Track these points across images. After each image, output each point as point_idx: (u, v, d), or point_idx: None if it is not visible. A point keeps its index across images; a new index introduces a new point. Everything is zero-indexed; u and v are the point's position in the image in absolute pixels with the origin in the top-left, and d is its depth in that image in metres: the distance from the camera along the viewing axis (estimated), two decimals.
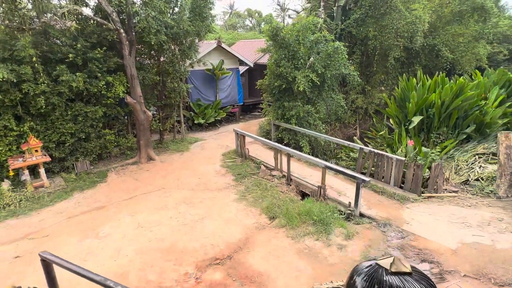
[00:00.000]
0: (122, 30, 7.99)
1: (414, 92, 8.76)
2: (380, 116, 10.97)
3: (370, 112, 12.41)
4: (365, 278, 0.65)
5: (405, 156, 7.41)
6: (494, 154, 7.78)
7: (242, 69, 15.83)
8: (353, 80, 10.34)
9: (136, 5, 8.16)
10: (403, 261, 0.66)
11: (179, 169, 8.74)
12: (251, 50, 16.71)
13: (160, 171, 8.57)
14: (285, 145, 9.50)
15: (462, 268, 4.48)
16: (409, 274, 0.63)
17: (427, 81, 9.40)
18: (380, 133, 9.26)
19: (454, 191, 6.92)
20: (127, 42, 8.16)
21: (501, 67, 12.51)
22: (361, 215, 6.15)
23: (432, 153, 7.40)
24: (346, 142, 8.51)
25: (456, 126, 8.80)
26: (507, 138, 6.60)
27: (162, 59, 10.15)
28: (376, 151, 7.65)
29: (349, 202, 6.30)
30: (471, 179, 7.33)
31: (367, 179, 6.12)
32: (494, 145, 8.05)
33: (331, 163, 9.17)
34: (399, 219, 5.90)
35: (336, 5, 11.70)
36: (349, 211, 6.15)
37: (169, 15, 8.95)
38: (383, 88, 13.04)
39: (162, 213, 6.39)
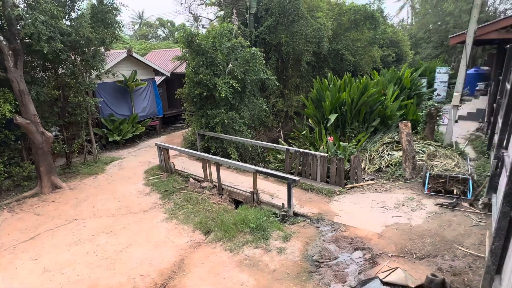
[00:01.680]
0: (1, 37, 6.64)
1: (328, 92, 9.44)
2: (300, 117, 11.55)
3: (290, 114, 12.99)
4: None
5: (327, 152, 7.84)
6: (398, 142, 8.82)
7: (159, 79, 14.99)
8: (272, 84, 10.65)
9: (20, 8, 6.88)
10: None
11: (94, 194, 7.63)
12: (166, 59, 15.98)
13: (69, 200, 7.34)
14: (213, 154, 9.20)
15: (389, 249, 4.83)
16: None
17: (337, 81, 10.25)
18: (302, 133, 9.69)
19: (371, 179, 7.58)
20: (10, 52, 6.81)
21: (392, 67, 14.54)
22: (295, 214, 6.23)
23: (350, 146, 8.01)
24: (272, 145, 8.63)
25: (365, 120, 9.76)
26: (406, 127, 7.52)
27: (61, 70, 8.83)
28: (301, 150, 7.92)
29: (283, 204, 6.32)
30: (383, 166, 8.14)
31: (296, 178, 6.23)
32: (397, 134, 9.15)
33: (260, 167, 9.20)
34: (329, 213, 6.14)
35: (248, 12, 11.97)
36: (284, 213, 6.16)
37: (64, 20, 7.82)
38: (299, 91, 13.82)
39: (76, 249, 5.41)
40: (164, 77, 14.78)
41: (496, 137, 7.02)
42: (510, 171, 3.43)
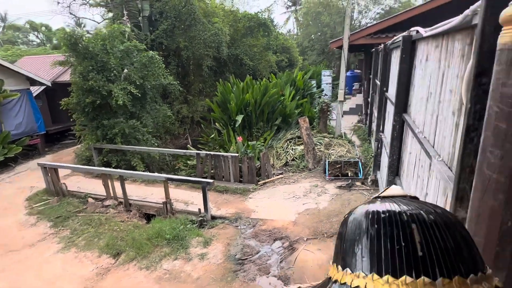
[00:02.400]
0: None
1: (233, 94, 9.65)
2: (207, 122, 11.46)
3: (197, 120, 12.78)
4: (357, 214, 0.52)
5: (238, 152, 7.97)
6: (299, 137, 9.64)
7: (36, 89, 12.70)
8: (175, 90, 10.26)
9: None
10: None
11: None
12: (44, 66, 13.68)
13: None
14: (115, 168, 8.27)
15: (304, 234, 5.18)
16: (403, 196, 0.53)
17: (240, 84, 10.58)
18: (211, 137, 9.63)
19: (280, 173, 8.04)
20: None
21: (287, 70, 15.91)
22: (213, 217, 6.10)
23: (259, 144, 8.33)
24: (182, 151, 8.31)
25: (269, 119, 10.34)
26: (305, 122, 8.28)
27: None
28: (212, 153, 7.85)
29: (199, 209, 6.11)
30: (289, 160, 8.76)
31: (210, 180, 6.12)
32: (297, 130, 9.99)
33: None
34: (246, 210, 6.23)
35: (141, 15, 11.28)
36: (201, 218, 5.95)
37: None
38: (203, 96, 13.73)
39: None
40: (43, 87, 12.60)
41: (373, 125, 8.36)
42: (389, 148, 4.10)
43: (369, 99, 9.99)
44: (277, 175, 7.92)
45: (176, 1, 11.17)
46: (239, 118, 9.26)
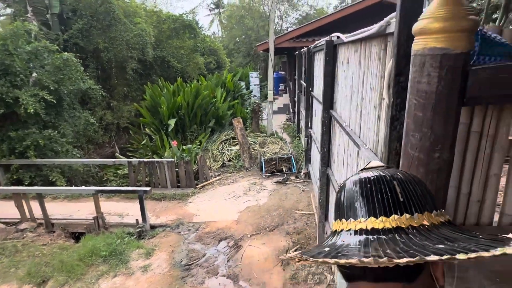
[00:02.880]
0: None
1: (163, 98, 9.30)
2: (137, 127, 10.80)
3: (124, 126, 11.94)
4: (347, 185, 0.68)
5: (173, 157, 7.75)
6: (233, 138, 9.80)
7: None
8: (96, 95, 9.44)
9: None
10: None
11: None
12: None
13: None
14: (30, 185, 7.24)
15: (247, 231, 5.33)
16: (381, 166, 0.69)
17: (170, 86, 10.26)
18: (142, 143, 9.13)
19: (218, 175, 8.08)
20: None
21: (216, 72, 15.95)
22: (153, 227, 5.83)
23: (194, 147, 8.22)
24: (111, 160, 7.71)
25: (202, 122, 10.27)
26: (239, 122, 8.48)
27: None
28: (145, 160, 7.47)
29: (136, 220, 5.78)
30: (226, 161, 8.85)
31: (147, 188, 5.84)
32: (231, 131, 10.15)
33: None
34: (188, 215, 6.12)
35: (50, 12, 10.04)
36: (140, 228, 5.64)
37: None
38: (129, 100, 12.88)
39: None
40: None
41: (302, 123, 9.01)
42: (319, 142, 4.51)
43: (296, 99, 10.71)
44: (215, 177, 7.94)
45: None
46: (172, 122, 8.99)
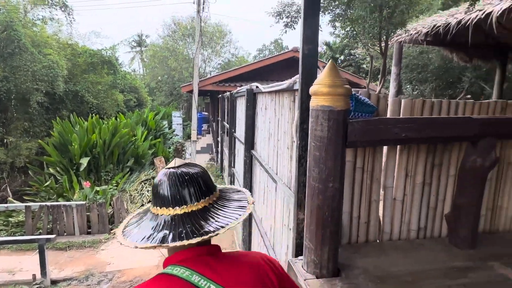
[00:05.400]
0: None
1: (75, 135, 8.53)
2: (39, 167, 9.47)
3: (21, 165, 10.35)
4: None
5: (85, 200, 7.03)
6: (154, 177, 9.44)
7: None
8: None
9: None
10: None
11: None
12: None
13: None
14: None
15: None
16: (185, 164, 0.89)
17: (84, 123, 9.51)
18: (45, 185, 8.04)
19: None
20: None
21: (136, 110, 15.42)
22: (54, 282, 5.06)
23: (110, 188, 7.62)
24: (3, 206, 6.56)
25: (120, 161, 9.66)
26: (161, 161, 8.31)
27: None
28: (49, 204, 6.59)
29: (34, 275, 4.95)
30: (145, 203, 8.38)
31: (51, 236, 5.14)
32: (152, 170, 9.77)
33: None
34: (99, 264, 5.52)
35: None
36: (37, 286, 4.83)
37: None
38: (30, 137, 11.35)
39: None
40: None
41: (225, 162, 9.29)
42: (242, 180, 4.80)
43: (219, 139, 11.07)
44: None
45: None
46: (85, 161, 8.24)
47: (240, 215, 0.86)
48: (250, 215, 4.35)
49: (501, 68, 7.65)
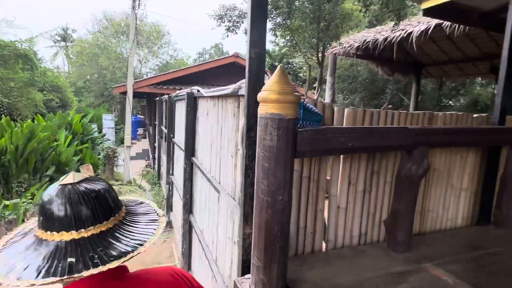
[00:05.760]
0: None
1: None
2: None
3: None
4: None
5: None
6: None
7: None
8: None
9: None
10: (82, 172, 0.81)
11: None
12: None
13: None
14: None
15: None
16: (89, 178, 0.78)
17: None
18: None
19: None
20: None
21: (59, 111, 13.70)
22: None
23: (24, 202, 6.56)
24: None
25: (37, 170, 8.43)
26: (88, 169, 7.45)
27: None
28: None
29: None
30: None
31: None
32: None
33: None
34: None
35: None
36: None
37: None
38: None
39: None
40: None
41: (162, 169, 8.77)
42: (182, 189, 4.52)
43: (156, 144, 10.44)
44: None
45: None
46: None
47: (155, 229, 0.81)
48: (191, 226, 4.11)
49: (417, 82, 8.69)
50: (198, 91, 3.70)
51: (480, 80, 12.27)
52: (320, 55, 6.69)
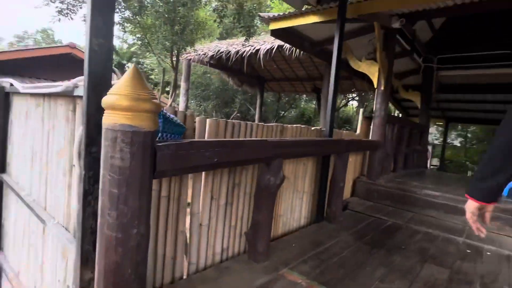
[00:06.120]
0: None
1: None
2: None
3: None
4: None
5: None
6: None
7: None
8: None
9: None
10: None
11: None
12: None
13: None
14: None
15: None
16: None
17: None
18: None
19: None
20: None
21: None
22: None
23: None
24: None
25: None
26: None
27: None
28: None
29: None
30: None
31: None
32: None
33: None
34: None
35: None
36: None
37: None
38: None
39: None
40: None
41: None
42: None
43: None
44: None
45: None
46: None
47: None
48: (0, 267, 3.01)
49: (261, 94, 9.76)
50: (12, 85, 2.75)
51: (305, 97, 15.11)
52: (174, 59, 6.44)
